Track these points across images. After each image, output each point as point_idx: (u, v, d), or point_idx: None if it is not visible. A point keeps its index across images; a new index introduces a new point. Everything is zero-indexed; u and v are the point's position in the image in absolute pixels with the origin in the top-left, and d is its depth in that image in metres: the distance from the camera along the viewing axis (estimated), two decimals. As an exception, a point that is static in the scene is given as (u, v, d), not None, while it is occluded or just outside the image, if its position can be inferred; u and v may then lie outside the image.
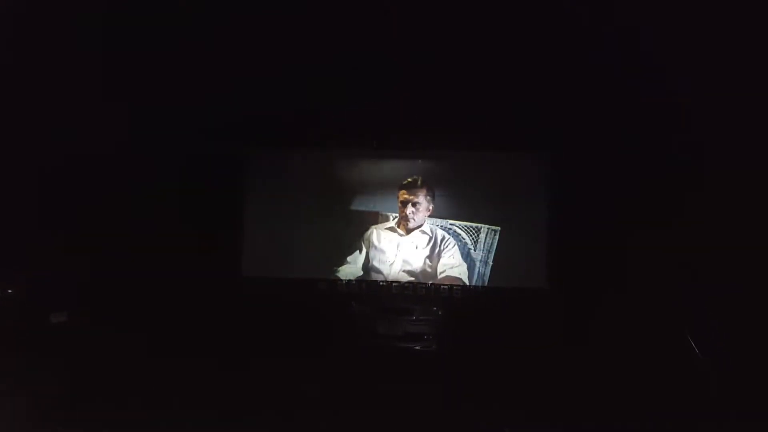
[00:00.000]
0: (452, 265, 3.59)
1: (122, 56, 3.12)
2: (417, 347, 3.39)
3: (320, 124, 3.58)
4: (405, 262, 3.63)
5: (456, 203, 3.61)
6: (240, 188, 3.65)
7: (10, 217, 3.11)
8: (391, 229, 3.65)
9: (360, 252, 3.66)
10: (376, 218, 3.65)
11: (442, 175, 3.63)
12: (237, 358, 3.05)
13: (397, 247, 3.64)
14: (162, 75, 3.24)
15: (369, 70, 3.27)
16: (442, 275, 3.59)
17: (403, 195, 3.62)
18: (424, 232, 3.62)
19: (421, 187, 3.61)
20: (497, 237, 3.55)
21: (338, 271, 3.66)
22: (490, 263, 3.56)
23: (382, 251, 3.64)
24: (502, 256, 3.54)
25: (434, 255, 3.61)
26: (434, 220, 3.62)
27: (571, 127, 3.35)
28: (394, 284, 3.62)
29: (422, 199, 3.61)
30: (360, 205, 3.66)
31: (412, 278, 3.61)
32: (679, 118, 3.06)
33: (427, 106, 3.42)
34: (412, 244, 3.63)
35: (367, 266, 3.65)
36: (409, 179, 3.63)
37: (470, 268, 3.59)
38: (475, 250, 3.57)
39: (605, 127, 3.26)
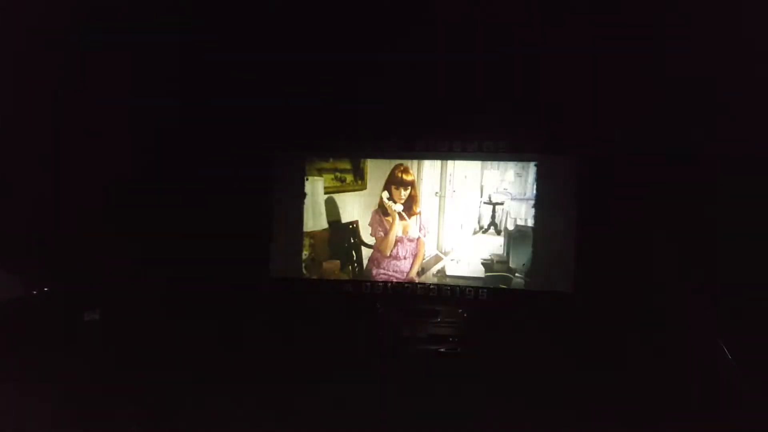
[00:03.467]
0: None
1: (151, 55, 3.17)
2: (442, 349, 3.39)
3: (348, 126, 3.62)
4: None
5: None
6: (269, 190, 3.68)
7: (46, 218, 3.18)
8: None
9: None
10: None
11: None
12: (264, 357, 3.08)
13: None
14: (195, 76, 3.30)
15: (397, 74, 3.29)
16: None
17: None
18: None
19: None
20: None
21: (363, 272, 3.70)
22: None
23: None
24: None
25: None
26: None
27: (601, 132, 3.32)
28: (419, 285, 3.63)
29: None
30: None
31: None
32: (712, 124, 3.02)
33: (456, 109, 3.44)
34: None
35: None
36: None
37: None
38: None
39: (635, 131, 3.22)
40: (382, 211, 3.67)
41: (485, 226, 3.58)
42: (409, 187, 3.62)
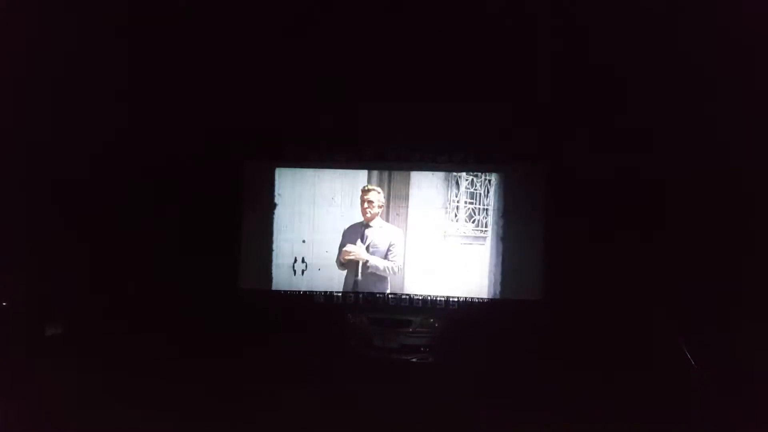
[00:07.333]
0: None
1: (124, 58, 3.13)
2: (413, 359, 3.40)
3: (318, 136, 3.62)
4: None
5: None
6: (238, 200, 3.64)
7: (5, 228, 3.11)
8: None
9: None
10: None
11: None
12: (234, 369, 3.04)
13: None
14: (164, 82, 3.27)
15: (363, 83, 3.32)
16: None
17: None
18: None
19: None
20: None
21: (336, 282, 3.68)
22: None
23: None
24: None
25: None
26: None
27: (567, 138, 3.38)
28: (390, 296, 3.63)
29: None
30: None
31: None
32: (675, 128, 3.10)
33: (421, 117, 3.46)
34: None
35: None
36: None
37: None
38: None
39: (600, 136, 3.29)
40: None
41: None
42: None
